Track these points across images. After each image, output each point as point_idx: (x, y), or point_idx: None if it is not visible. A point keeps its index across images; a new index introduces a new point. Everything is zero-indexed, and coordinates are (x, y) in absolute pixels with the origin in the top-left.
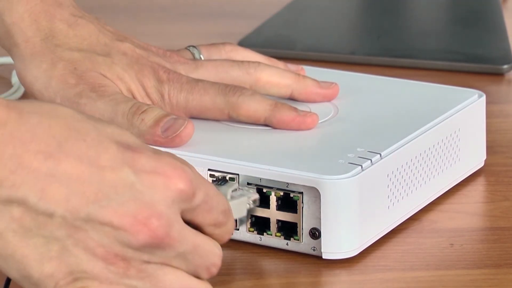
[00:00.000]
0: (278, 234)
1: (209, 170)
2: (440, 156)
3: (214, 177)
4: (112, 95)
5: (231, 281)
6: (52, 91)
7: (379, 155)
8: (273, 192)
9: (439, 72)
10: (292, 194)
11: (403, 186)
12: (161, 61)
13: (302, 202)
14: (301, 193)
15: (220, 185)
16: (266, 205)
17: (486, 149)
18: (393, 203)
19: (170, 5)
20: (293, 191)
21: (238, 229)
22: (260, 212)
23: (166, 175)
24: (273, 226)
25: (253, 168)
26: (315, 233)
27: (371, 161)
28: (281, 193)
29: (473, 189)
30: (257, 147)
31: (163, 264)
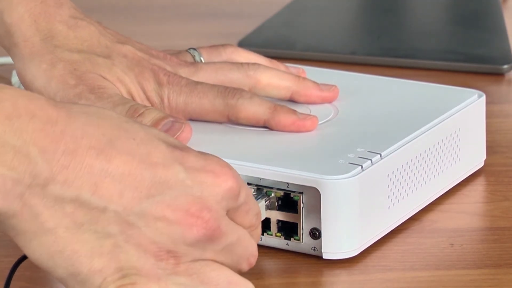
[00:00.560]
0: (279, 234)
1: None
2: (440, 156)
3: None
4: (110, 97)
5: None
6: (51, 91)
7: (379, 155)
8: (273, 192)
9: (439, 72)
10: (292, 194)
11: (403, 186)
12: (162, 64)
13: (302, 202)
14: (302, 193)
15: None
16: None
17: (486, 149)
18: (393, 203)
19: (170, 5)
20: (294, 191)
21: None
22: None
23: (215, 173)
24: (273, 226)
25: (253, 168)
26: (315, 233)
27: (371, 161)
28: (282, 193)
29: (473, 189)
30: (257, 148)
31: (210, 260)
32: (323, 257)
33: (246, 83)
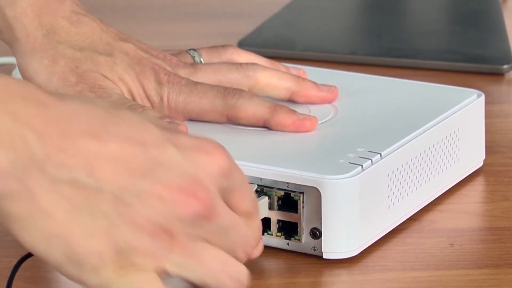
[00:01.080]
0: (279, 234)
1: None
2: (440, 156)
3: None
4: (110, 96)
5: None
6: (52, 87)
7: (379, 155)
8: (273, 192)
9: (439, 72)
10: (292, 194)
11: (403, 186)
12: (162, 63)
13: (302, 202)
14: (302, 193)
15: None
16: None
17: (486, 149)
18: (393, 203)
19: (170, 5)
20: (294, 191)
21: None
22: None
23: (208, 152)
24: (274, 226)
25: (253, 168)
26: (315, 233)
27: (372, 161)
28: (282, 193)
29: (473, 189)
30: (258, 147)
31: (205, 241)
32: (324, 257)
33: (246, 84)
